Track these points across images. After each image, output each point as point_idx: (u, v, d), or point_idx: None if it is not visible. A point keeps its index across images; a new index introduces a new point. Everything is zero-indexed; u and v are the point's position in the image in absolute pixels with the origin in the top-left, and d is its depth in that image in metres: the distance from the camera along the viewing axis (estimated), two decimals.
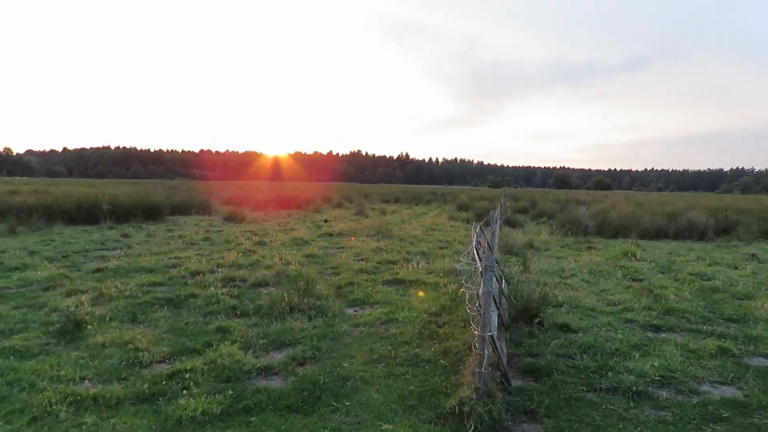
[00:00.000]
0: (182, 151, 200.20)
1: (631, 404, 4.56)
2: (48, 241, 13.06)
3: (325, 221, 20.04)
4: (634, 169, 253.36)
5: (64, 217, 17.23)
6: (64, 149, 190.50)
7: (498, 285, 6.73)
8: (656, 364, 5.38)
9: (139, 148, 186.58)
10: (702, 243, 16.00)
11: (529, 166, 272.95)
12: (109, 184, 42.34)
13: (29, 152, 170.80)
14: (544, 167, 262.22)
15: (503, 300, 6.77)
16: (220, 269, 9.68)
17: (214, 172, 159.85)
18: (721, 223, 18.43)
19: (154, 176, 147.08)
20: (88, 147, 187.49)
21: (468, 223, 21.13)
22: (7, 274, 9.02)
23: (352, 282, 9.01)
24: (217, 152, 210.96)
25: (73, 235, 14.30)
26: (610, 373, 5.15)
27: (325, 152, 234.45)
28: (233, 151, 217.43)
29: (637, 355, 5.64)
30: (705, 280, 9.71)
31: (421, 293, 8.37)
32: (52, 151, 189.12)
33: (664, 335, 6.45)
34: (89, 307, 7.03)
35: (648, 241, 16.28)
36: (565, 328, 6.51)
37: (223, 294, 7.82)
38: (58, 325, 6.15)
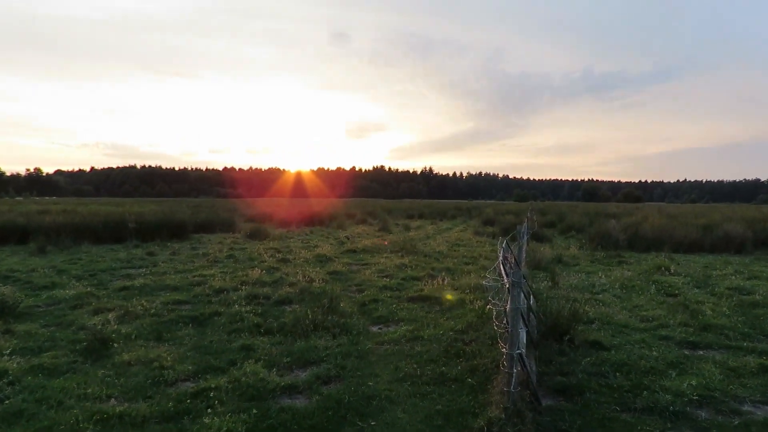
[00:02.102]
0: (206, 169, 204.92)
1: (669, 425, 4.43)
2: (76, 260, 13.42)
3: (347, 238, 20.13)
4: (666, 181, 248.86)
5: (91, 236, 17.71)
6: (92, 169, 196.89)
7: (526, 301, 6.65)
8: (694, 382, 5.22)
9: (164, 167, 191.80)
10: (740, 256, 15.55)
11: (556, 179, 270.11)
12: (135, 203, 43.43)
13: (58, 172, 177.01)
14: (572, 180, 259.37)
15: (531, 317, 6.68)
16: (243, 287, 9.78)
17: (237, 190, 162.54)
18: (759, 234, 17.88)
19: (178, 195, 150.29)
20: (114, 166, 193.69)
21: (494, 238, 20.98)
22: (36, 293, 9.30)
23: (376, 299, 9.02)
24: (240, 170, 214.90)
25: (100, 254, 14.67)
26: (645, 392, 5.02)
27: (348, 168, 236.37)
28: (257, 168, 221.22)
29: (674, 374, 5.49)
30: (744, 294, 9.41)
31: (449, 296, 8.32)
32: (80, 171, 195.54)
33: (701, 352, 6.27)
34: (115, 326, 7.18)
35: (682, 254, 15.89)
36: (596, 345, 6.38)
37: (246, 312, 7.90)
38: (85, 343, 6.30)
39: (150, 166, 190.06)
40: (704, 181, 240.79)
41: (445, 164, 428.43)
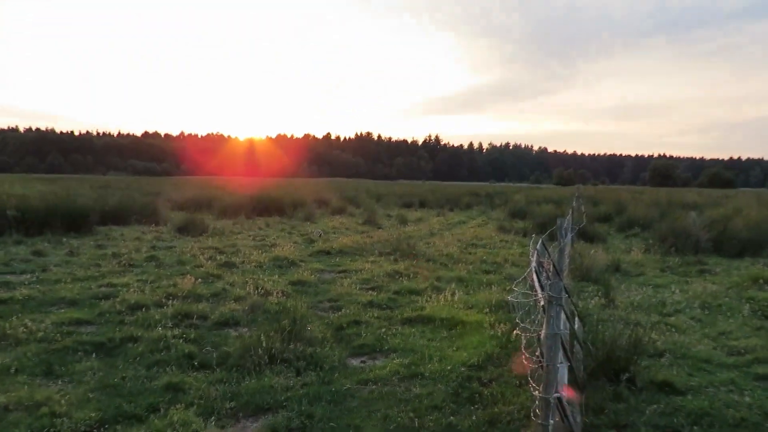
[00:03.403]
0: (119, 134, 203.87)
1: None
2: None
3: (319, 234, 20.15)
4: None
5: None
6: None
7: (568, 325, 6.68)
8: None
9: (59, 131, 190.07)
10: None
11: (614, 155, 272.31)
12: (17, 181, 43.10)
13: None
14: (636, 156, 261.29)
15: (576, 346, 6.72)
16: (170, 302, 9.77)
17: (163, 165, 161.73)
18: None
19: (79, 170, 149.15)
20: None
21: (525, 236, 21.08)
22: None
23: (358, 320, 9.07)
24: (167, 136, 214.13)
25: None
26: None
27: (320, 135, 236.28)
28: (191, 135, 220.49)
29: None
30: None
31: (461, 316, 8.35)
32: None
33: None
34: None
35: None
36: (666, 387, 6.45)
37: (174, 337, 7.89)
38: None
39: (39, 130, 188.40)
40: None
41: (458, 132, 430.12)
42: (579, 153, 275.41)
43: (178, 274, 12.22)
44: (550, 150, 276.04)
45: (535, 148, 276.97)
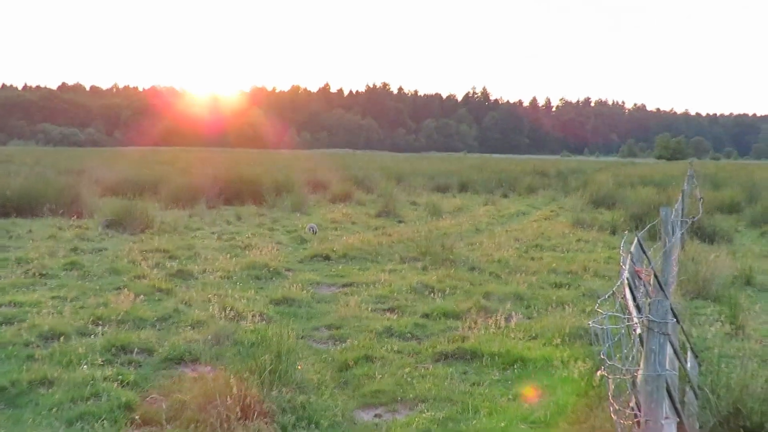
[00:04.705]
0: (25, 87, 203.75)
1: None
2: None
3: (313, 231, 20.05)
4: None
5: None
6: None
7: (677, 363, 6.64)
8: None
9: None
10: None
11: (745, 115, 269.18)
12: None
13: None
14: None
15: (689, 393, 6.67)
16: (100, 328, 9.80)
17: (88, 130, 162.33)
18: None
19: None
20: None
21: (613, 233, 21.03)
22: None
23: (370, 356, 9.05)
24: (94, 90, 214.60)
25: None
26: None
27: (314, 89, 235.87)
28: (128, 88, 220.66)
29: None
30: None
31: (520, 350, 8.32)
32: None
33: None
34: None
35: None
36: None
37: (106, 379, 7.90)
38: None
39: None
40: None
41: (515, 83, 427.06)
42: (693, 113, 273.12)
43: (111, 289, 12.26)
44: (650, 108, 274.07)
45: (629, 105, 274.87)
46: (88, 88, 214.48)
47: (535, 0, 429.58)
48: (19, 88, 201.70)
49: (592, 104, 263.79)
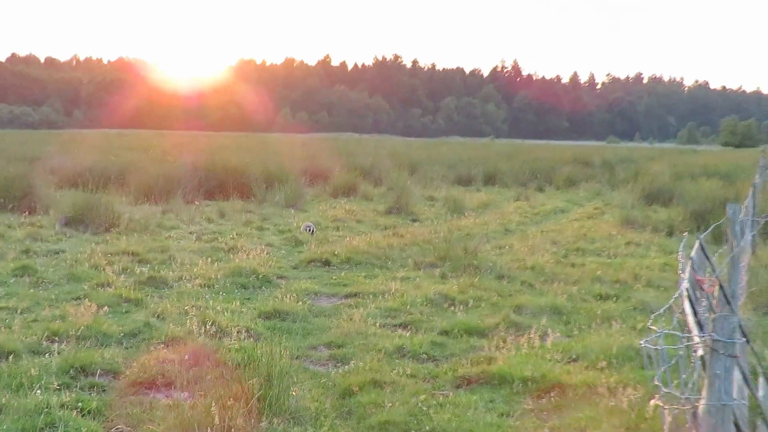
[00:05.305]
0: None
1: None
2: None
3: (310, 230, 20.02)
4: None
5: None
6: None
7: (747, 391, 6.60)
8: None
9: None
10: None
11: None
12: None
13: None
14: None
15: (760, 427, 6.64)
16: (56, 345, 9.80)
17: (43, 109, 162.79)
18: None
19: None
20: None
21: (669, 235, 21.04)
22: None
23: (378, 380, 9.01)
24: (50, 62, 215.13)
25: None
26: None
27: (312, 62, 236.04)
28: (90, 61, 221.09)
29: None
30: None
31: (557, 375, 8.30)
32: None
33: None
34: None
35: None
36: None
37: (64, 406, 7.89)
38: None
39: None
40: None
41: (552, 56, 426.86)
42: (766, 91, 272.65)
43: (69, 299, 12.27)
44: (714, 86, 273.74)
45: (688, 82, 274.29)
46: (42, 60, 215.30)
47: None
48: None
49: (645, 81, 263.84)
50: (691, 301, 5.70)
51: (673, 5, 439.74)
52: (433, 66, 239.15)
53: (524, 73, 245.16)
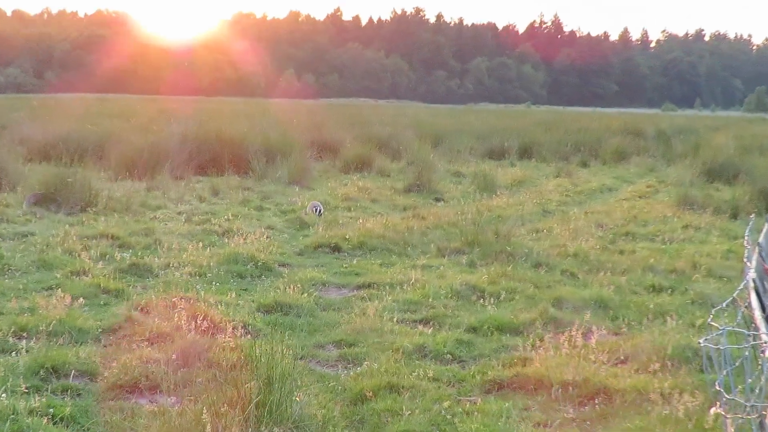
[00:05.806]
0: None
1: None
2: None
3: (317, 211, 19.97)
4: None
5: None
6: None
7: None
8: None
9: None
10: None
11: None
12: None
13: None
14: None
15: None
16: (24, 342, 9.78)
17: (9, 71, 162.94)
18: None
19: None
20: None
21: (734, 217, 20.98)
22: None
23: (394, 384, 8.99)
24: (17, 15, 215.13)
25: None
26: None
27: (321, 16, 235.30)
28: (63, 14, 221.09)
29: None
30: None
31: (603, 378, 8.29)
32: None
33: None
34: None
35: None
36: None
37: (32, 413, 7.88)
38: None
39: None
40: None
41: (598, 11, 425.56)
42: None
43: (39, 289, 12.28)
44: None
45: (757, 40, 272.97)
46: (9, 14, 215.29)
47: None
48: None
49: (707, 39, 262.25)
50: (758, 293, 5.68)
51: None
52: (461, 21, 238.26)
53: (566, 29, 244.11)
